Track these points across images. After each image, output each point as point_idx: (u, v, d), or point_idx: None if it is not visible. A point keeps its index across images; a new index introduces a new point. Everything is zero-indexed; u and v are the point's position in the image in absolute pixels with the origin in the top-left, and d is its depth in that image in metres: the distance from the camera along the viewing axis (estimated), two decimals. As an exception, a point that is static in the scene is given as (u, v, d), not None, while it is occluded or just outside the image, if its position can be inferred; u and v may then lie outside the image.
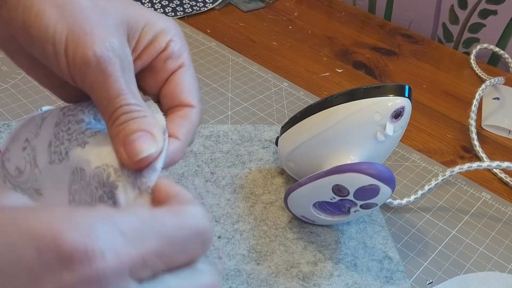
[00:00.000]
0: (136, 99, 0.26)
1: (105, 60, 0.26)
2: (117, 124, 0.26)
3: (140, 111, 0.26)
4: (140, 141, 0.25)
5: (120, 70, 0.26)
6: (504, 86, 0.65)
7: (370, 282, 0.40)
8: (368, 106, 0.39)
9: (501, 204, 0.49)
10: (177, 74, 0.30)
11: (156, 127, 0.26)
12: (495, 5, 0.72)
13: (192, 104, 0.30)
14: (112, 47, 0.26)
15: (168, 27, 0.30)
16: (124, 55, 0.27)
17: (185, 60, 0.30)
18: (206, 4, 0.77)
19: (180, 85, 0.30)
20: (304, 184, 0.39)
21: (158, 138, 0.26)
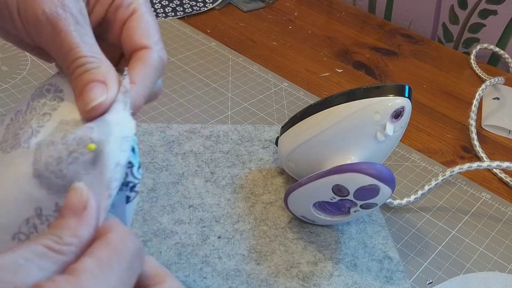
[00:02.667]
0: (91, 50, 0.27)
1: (55, 16, 0.26)
2: (73, 77, 0.27)
3: (94, 62, 0.27)
4: (92, 91, 0.26)
5: (72, 24, 0.27)
6: (504, 86, 0.65)
7: (370, 282, 0.40)
8: (368, 106, 0.39)
9: (501, 204, 0.49)
10: (130, 21, 0.30)
11: (111, 75, 0.27)
12: (495, 5, 0.72)
13: (147, 46, 0.30)
14: (61, 3, 0.27)
15: None
16: (76, 9, 0.27)
17: (137, 5, 0.31)
18: (206, 4, 0.77)
19: (132, 30, 0.30)
20: (304, 184, 0.39)
21: (111, 86, 0.27)
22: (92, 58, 0.27)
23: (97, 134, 0.25)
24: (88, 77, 0.26)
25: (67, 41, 0.27)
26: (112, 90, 0.26)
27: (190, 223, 0.43)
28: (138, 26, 0.30)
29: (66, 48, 0.27)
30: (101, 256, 0.22)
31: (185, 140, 0.51)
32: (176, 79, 0.61)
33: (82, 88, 0.26)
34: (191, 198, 0.45)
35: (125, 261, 0.23)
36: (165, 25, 0.73)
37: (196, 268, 0.39)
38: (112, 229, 0.24)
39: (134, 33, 0.30)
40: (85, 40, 0.27)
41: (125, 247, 0.23)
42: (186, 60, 0.65)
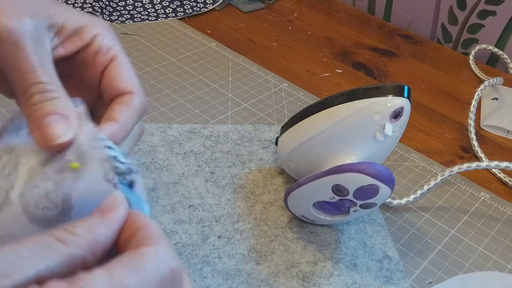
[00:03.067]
0: (50, 78, 0.26)
1: (17, 34, 0.26)
2: (30, 103, 0.26)
3: (54, 91, 0.26)
4: (56, 125, 0.25)
5: (32, 47, 0.26)
6: (502, 86, 0.65)
7: (370, 282, 0.40)
8: (367, 106, 0.39)
9: (500, 204, 0.49)
10: (111, 67, 0.31)
11: (71, 109, 0.26)
12: (494, 6, 0.72)
13: (131, 91, 0.30)
14: (25, 24, 0.26)
15: (93, 22, 0.30)
16: (39, 37, 0.27)
17: (116, 52, 0.31)
18: (206, 5, 0.78)
19: (115, 76, 0.30)
20: (304, 184, 0.39)
21: (73, 121, 0.26)
22: (51, 86, 0.26)
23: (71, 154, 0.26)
24: (49, 108, 0.25)
25: (26, 61, 0.26)
26: (74, 126, 0.26)
27: (190, 223, 0.43)
28: (121, 73, 0.31)
29: (24, 69, 0.26)
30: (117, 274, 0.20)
31: (185, 140, 0.52)
32: (176, 80, 0.61)
33: (42, 118, 0.25)
34: (191, 198, 0.45)
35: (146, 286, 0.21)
36: (165, 26, 0.73)
37: (196, 268, 0.40)
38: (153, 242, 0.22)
39: (118, 79, 0.30)
40: (44, 65, 0.26)
41: (154, 273, 0.21)
42: (187, 61, 0.65)
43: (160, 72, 0.63)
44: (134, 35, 0.70)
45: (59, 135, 0.25)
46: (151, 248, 0.22)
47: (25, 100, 0.26)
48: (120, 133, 0.29)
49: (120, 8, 0.74)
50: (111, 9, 0.74)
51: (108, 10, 0.73)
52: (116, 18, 0.73)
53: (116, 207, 0.23)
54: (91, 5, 0.70)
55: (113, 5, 0.74)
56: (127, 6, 0.75)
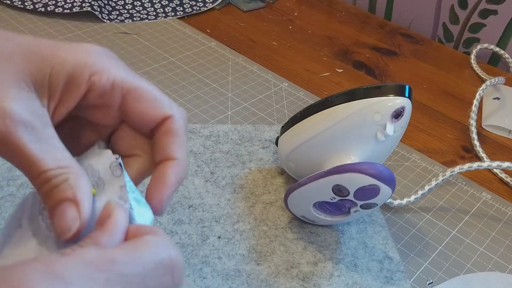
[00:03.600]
0: (54, 159, 0.24)
1: (4, 132, 0.23)
2: (41, 195, 0.25)
3: (60, 174, 0.24)
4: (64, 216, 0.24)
5: (26, 134, 0.24)
6: (504, 86, 0.65)
7: (370, 282, 0.40)
8: (368, 106, 0.39)
9: (501, 204, 0.49)
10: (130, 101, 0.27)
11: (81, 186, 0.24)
12: (495, 5, 0.72)
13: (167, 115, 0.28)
14: (9, 114, 0.23)
15: (80, 61, 0.26)
16: (30, 114, 0.24)
17: (124, 85, 0.27)
18: (206, 4, 0.77)
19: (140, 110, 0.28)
20: (304, 184, 0.39)
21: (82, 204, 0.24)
22: (57, 171, 0.24)
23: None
24: (57, 196, 0.24)
25: (24, 156, 0.24)
26: (84, 209, 0.24)
27: (190, 223, 0.43)
28: (144, 103, 0.28)
29: (25, 164, 0.24)
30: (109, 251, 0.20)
31: (185, 140, 0.51)
32: (176, 79, 0.61)
33: (53, 209, 0.24)
34: (191, 198, 0.45)
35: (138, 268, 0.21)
36: (164, 25, 0.73)
37: (196, 268, 0.39)
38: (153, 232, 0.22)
39: (145, 112, 0.28)
40: (45, 148, 0.24)
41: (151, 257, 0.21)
42: (186, 60, 0.65)
43: (159, 71, 0.62)
44: (133, 34, 0.70)
45: (68, 228, 0.24)
46: (152, 236, 0.22)
47: (37, 189, 0.25)
48: (184, 168, 0.28)
49: (119, 7, 0.74)
50: (110, 8, 0.73)
51: (107, 9, 0.73)
52: (115, 17, 0.72)
53: (112, 213, 0.23)
54: (90, 4, 0.70)
55: (112, 4, 0.74)
56: (126, 5, 0.75)
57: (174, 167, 0.28)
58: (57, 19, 0.71)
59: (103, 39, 0.67)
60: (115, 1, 0.75)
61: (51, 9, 0.70)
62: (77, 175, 0.25)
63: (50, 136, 0.25)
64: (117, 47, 0.66)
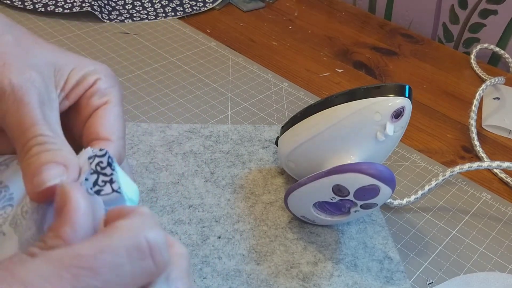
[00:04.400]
0: (53, 132, 0.25)
1: (21, 88, 0.25)
2: (28, 155, 0.24)
3: (56, 144, 0.24)
4: (48, 171, 0.23)
5: (37, 102, 0.25)
6: (504, 86, 0.65)
7: (370, 282, 0.40)
8: (368, 106, 0.39)
9: (501, 204, 0.49)
10: (101, 110, 0.29)
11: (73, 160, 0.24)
12: (495, 5, 0.72)
13: (110, 139, 0.28)
14: (31, 79, 0.25)
15: (97, 69, 0.30)
16: (45, 91, 0.26)
17: (112, 98, 0.30)
18: (206, 4, 0.77)
19: (101, 119, 0.29)
20: (304, 184, 0.39)
21: (72, 170, 0.24)
22: (53, 139, 0.25)
23: None
24: (47, 157, 0.23)
25: (29, 115, 0.25)
26: (73, 173, 0.24)
27: (190, 223, 0.43)
28: (108, 117, 0.29)
29: (26, 123, 0.24)
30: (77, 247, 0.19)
31: (185, 140, 0.51)
32: (176, 79, 0.61)
33: (37, 167, 0.23)
34: (191, 198, 0.45)
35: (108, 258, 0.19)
36: (165, 25, 0.73)
37: (196, 268, 0.39)
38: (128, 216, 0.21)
39: (102, 123, 0.29)
40: (49, 120, 0.25)
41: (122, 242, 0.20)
42: (186, 60, 0.65)
43: (159, 71, 0.62)
44: (133, 34, 0.70)
45: (49, 179, 0.23)
46: (126, 220, 0.21)
47: (24, 154, 0.24)
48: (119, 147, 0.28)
49: (119, 7, 0.74)
50: (110, 8, 0.73)
51: (107, 9, 0.73)
52: (115, 17, 0.72)
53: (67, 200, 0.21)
54: (90, 4, 0.70)
55: (112, 4, 0.74)
56: (126, 5, 0.75)
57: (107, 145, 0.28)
58: (57, 19, 0.71)
59: (103, 39, 0.67)
60: (115, 1, 0.75)
61: (51, 9, 0.70)
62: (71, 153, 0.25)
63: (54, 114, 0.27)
64: (117, 47, 0.66)
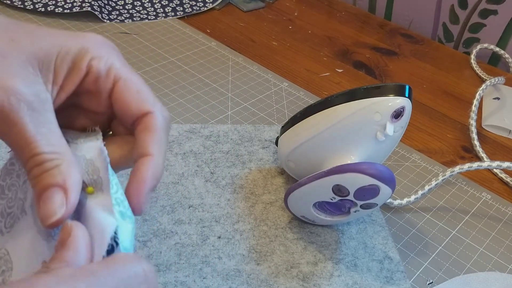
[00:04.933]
0: (49, 144, 0.25)
1: (6, 107, 0.24)
2: (31, 177, 0.25)
3: (53, 160, 0.24)
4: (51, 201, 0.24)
5: (27, 115, 0.24)
6: (504, 86, 0.65)
7: (370, 282, 0.40)
8: (368, 106, 0.39)
9: (501, 204, 0.49)
10: (117, 90, 0.28)
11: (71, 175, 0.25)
12: (495, 5, 0.72)
13: (148, 110, 0.28)
14: (14, 92, 0.24)
15: (83, 47, 0.27)
16: (34, 96, 0.25)
17: (116, 72, 0.28)
18: (206, 4, 0.77)
19: (125, 99, 0.28)
20: (304, 184, 0.39)
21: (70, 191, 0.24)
22: (50, 155, 0.24)
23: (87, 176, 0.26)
24: (46, 180, 0.24)
25: (21, 135, 0.24)
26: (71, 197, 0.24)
27: (190, 223, 0.43)
28: (130, 93, 0.28)
29: (20, 143, 0.24)
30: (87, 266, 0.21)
31: (185, 140, 0.51)
32: (176, 79, 0.61)
33: (41, 193, 0.24)
34: (191, 198, 0.45)
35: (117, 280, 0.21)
36: (165, 25, 0.73)
37: (196, 268, 0.39)
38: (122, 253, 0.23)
39: (129, 102, 0.28)
40: (42, 131, 0.25)
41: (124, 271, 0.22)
42: (186, 60, 0.65)
43: (159, 71, 0.62)
44: (133, 34, 0.70)
45: (53, 213, 0.24)
46: (123, 254, 0.23)
47: (28, 173, 0.25)
48: (159, 166, 0.28)
49: (119, 7, 0.74)
50: (110, 8, 0.73)
51: (107, 9, 0.73)
52: (115, 17, 0.72)
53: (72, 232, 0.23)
54: (90, 4, 0.70)
55: (112, 4, 0.74)
56: (126, 5, 0.75)
57: (149, 164, 0.27)
58: (57, 19, 0.71)
59: (103, 39, 0.67)
60: (115, 1, 0.75)
61: (51, 9, 0.70)
62: (69, 163, 0.25)
63: (49, 121, 0.25)
64: (117, 47, 0.66)
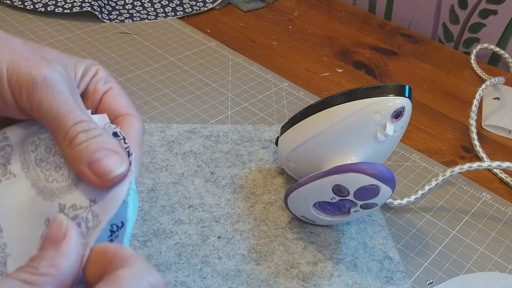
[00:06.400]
0: (88, 117, 0.26)
1: (53, 78, 0.26)
2: (75, 143, 0.25)
3: (96, 129, 0.26)
4: (108, 159, 0.25)
5: (68, 90, 0.26)
6: (504, 86, 0.65)
7: (370, 282, 0.40)
8: (368, 106, 0.39)
9: (501, 204, 0.49)
10: (110, 94, 0.32)
11: (117, 144, 0.26)
12: (495, 5, 0.72)
13: (130, 113, 0.31)
14: (58, 70, 0.26)
15: (93, 62, 0.32)
16: (70, 80, 0.27)
17: (114, 84, 0.32)
18: (206, 4, 0.77)
19: (116, 99, 0.31)
20: (304, 184, 0.39)
21: (124, 155, 0.26)
22: (93, 124, 0.26)
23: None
24: (99, 144, 0.25)
25: (66, 102, 0.26)
26: (126, 160, 0.26)
27: (190, 223, 0.43)
28: (119, 98, 0.32)
29: (65, 110, 0.25)
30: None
31: (185, 140, 0.51)
32: (176, 79, 0.61)
33: (93, 155, 0.25)
34: (191, 198, 0.45)
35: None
36: (165, 25, 0.73)
37: (196, 268, 0.39)
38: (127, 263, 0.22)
39: (117, 102, 0.31)
40: (81, 105, 0.27)
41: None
42: (186, 60, 0.65)
43: (159, 71, 0.62)
44: (133, 34, 0.70)
45: (113, 168, 0.25)
46: (126, 269, 0.22)
47: (68, 142, 0.25)
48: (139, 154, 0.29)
49: (119, 7, 0.74)
50: (110, 8, 0.73)
51: (107, 9, 0.73)
52: (115, 17, 0.72)
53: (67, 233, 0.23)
54: (90, 4, 0.70)
55: (112, 4, 0.74)
56: (126, 5, 0.75)
57: None
58: (57, 19, 0.71)
59: (103, 39, 0.67)
60: (115, 1, 0.75)
61: (51, 9, 0.70)
62: (110, 137, 0.27)
63: (82, 102, 0.28)
64: (117, 47, 0.66)
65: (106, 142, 0.25)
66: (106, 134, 0.26)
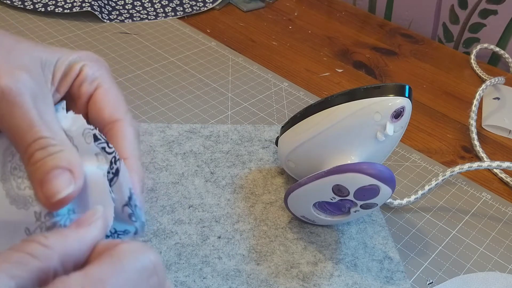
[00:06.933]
0: (51, 131, 0.25)
1: (13, 91, 0.24)
2: (32, 161, 0.24)
3: (56, 145, 0.25)
4: (57, 180, 0.24)
5: (31, 101, 0.25)
6: (504, 86, 0.65)
7: (370, 282, 0.40)
8: (368, 106, 0.39)
9: (501, 204, 0.49)
10: (96, 96, 0.30)
11: (76, 161, 0.25)
12: (495, 5, 0.72)
13: (118, 118, 0.29)
14: (20, 79, 0.25)
15: (80, 56, 0.30)
16: (37, 88, 0.26)
17: (101, 81, 0.30)
18: (206, 4, 0.77)
19: (100, 105, 0.30)
20: (304, 184, 0.39)
21: (77, 174, 0.24)
22: (53, 140, 0.25)
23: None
24: (52, 162, 0.24)
25: (25, 118, 0.24)
26: (79, 179, 0.24)
27: (190, 223, 0.43)
28: (106, 101, 0.30)
29: (24, 126, 0.24)
30: (92, 271, 0.20)
31: (185, 140, 0.51)
32: (176, 79, 0.61)
33: (44, 175, 0.24)
34: (191, 198, 0.45)
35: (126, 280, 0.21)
36: (165, 25, 0.73)
37: (196, 268, 0.39)
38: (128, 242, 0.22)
39: (103, 108, 0.30)
40: (45, 118, 0.25)
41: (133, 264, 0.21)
42: (186, 60, 0.65)
43: (159, 71, 0.62)
44: (133, 34, 0.70)
45: (60, 190, 0.24)
46: (127, 244, 0.22)
47: (27, 160, 0.24)
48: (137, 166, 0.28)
49: (119, 7, 0.74)
50: (110, 8, 0.73)
51: (107, 9, 0.73)
52: (115, 17, 0.72)
53: (93, 222, 0.23)
54: (90, 4, 0.70)
55: (112, 4, 0.74)
56: (126, 5, 0.75)
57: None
58: (57, 19, 0.71)
59: (103, 39, 0.67)
60: (115, 1, 0.75)
61: (51, 9, 0.70)
62: (72, 151, 0.25)
63: (50, 111, 0.26)
64: (117, 47, 0.66)
65: (62, 159, 0.24)
66: (67, 149, 0.25)
